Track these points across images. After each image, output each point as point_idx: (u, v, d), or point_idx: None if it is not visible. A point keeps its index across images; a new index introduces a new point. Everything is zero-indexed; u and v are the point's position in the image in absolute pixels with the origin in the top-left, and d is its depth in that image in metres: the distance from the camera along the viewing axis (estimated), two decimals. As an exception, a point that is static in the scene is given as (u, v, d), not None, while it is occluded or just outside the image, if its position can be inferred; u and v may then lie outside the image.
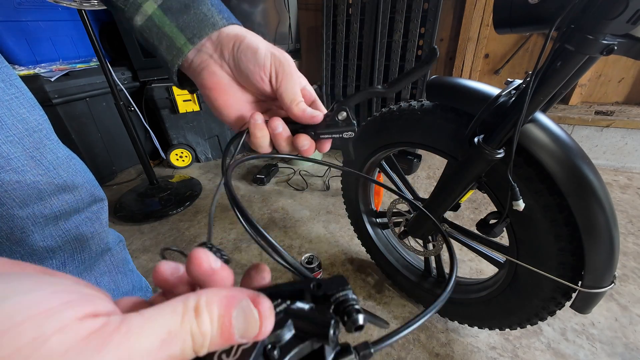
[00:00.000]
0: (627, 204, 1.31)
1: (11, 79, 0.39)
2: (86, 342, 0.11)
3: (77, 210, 0.48)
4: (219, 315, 0.13)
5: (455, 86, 0.59)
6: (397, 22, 1.46)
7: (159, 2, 0.28)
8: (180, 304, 0.13)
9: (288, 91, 0.29)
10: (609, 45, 0.37)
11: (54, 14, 1.44)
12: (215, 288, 0.15)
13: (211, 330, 0.13)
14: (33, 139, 0.41)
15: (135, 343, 0.12)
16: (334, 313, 0.15)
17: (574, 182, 0.48)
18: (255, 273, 0.19)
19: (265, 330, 0.14)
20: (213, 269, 0.16)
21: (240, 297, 0.14)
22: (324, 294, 0.16)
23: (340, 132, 0.29)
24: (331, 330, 0.14)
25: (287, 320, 0.15)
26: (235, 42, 0.29)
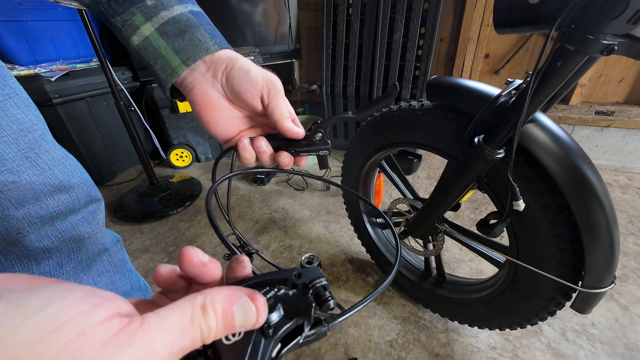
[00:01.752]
0: (628, 204, 1.31)
1: (5, 79, 0.39)
2: (116, 337, 0.13)
3: (73, 210, 0.47)
4: (223, 311, 0.16)
5: (455, 86, 0.59)
6: (398, 22, 1.46)
7: (156, 25, 0.30)
8: (188, 304, 0.16)
9: (278, 108, 0.33)
10: (609, 45, 0.37)
11: (54, 13, 1.44)
12: (217, 288, 0.17)
13: (216, 324, 0.16)
14: (28, 139, 0.41)
15: (155, 338, 0.14)
16: (313, 297, 0.19)
17: (574, 182, 0.48)
18: (237, 264, 0.22)
19: (261, 320, 0.17)
20: (202, 263, 0.20)
21: (239, 294, 0.17)
22: (303, 282, 0.20)
23: (317, 150, 0.34)
24: (312, 312, 0.18)
25: (277, 304, 0.19)
26: (228, 63, 0.32)
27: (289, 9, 1.71)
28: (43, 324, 0.12)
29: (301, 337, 0.19)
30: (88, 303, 0.14)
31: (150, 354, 0.14)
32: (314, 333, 0.19)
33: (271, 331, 0.18)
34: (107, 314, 0.14)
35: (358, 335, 0.82)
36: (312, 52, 2.06)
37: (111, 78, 1.20)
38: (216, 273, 0.21)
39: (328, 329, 0.20)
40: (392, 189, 1.49)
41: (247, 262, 0.22)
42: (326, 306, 0.19)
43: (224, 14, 1.66)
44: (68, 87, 1.39)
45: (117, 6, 0.30)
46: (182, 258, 0.19)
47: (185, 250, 0.19)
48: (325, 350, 0.79)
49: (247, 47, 1.70)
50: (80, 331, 0.13)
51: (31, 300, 0.13)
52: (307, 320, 0.19)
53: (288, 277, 0.20)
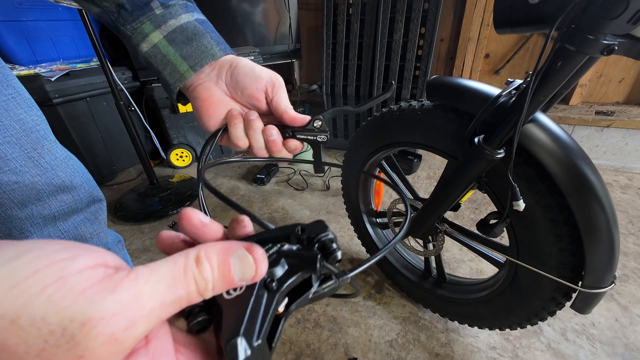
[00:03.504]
0: (628, 204, 1.31)
1: (8, 79, 0.39)
2: (100, 284, 0.13)
3: (75, 210, 0.47)
4: (218, 262, 0.16)
5: (455, 86, 0.59)
6: (398, 22, 1.46)
7: (165, 33, 0.32)
8: (181, 256, 0.15)
9: (282, 100, 0.34)
10: (609, 45, 0.37)
11: (55, 13, 1.44)
12: (212, 242, 0.17)
13: (212, 276, 0.15)
14: (31, 139, 0.41)
15: (144, 287, 0.14)
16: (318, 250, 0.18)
17: (575, 182, 0.48)
18: (236, 224, 0.21)
19: (261, 272, 0.16)
20: (203, 223, 0.19)
21: (235, 247, 0.16)
22: (307, 237, 0.19)
23: (316, 135, 0.35)
24: (318, 263, 0.17)
25: (280, 259, 0.18)
26: (232, 63, 0.34)
27: (289, 9, 1.71)
28: (17, 270, 0.12)
29: (310, 291, 0.18)
30: (69, 252, 0.13)
31: (138, 301, 0.13)
32: (325, 287, 0.19)
33: (275, 285, 0.17)
34: (89, 263, 0.13)
35: (358, 335, 0.82)
36: (312, 52, 2.06)
37: (111, 78, 1.20)
38: (218, 234, 0.20)
39: (339, 283, 0.19)
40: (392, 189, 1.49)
41: (247, 221, 0.21)
42: (333, 257, 0.18)
43: (224, 14, 1.67)
44: (68, 87, 1.39)
45: (127, 15, 0.31)
46: (182, 218, 0.19)
47: (185, 211, 0.19)
48: (325, 350, 0.79)
49: (248, 47, 1.70)
50: (57, 277, 0.12)
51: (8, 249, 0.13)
52: (313, 273, 0.18)
53: (291, 232, 0.19)
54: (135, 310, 0.13)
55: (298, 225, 0.19)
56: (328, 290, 0.19)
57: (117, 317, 0.12)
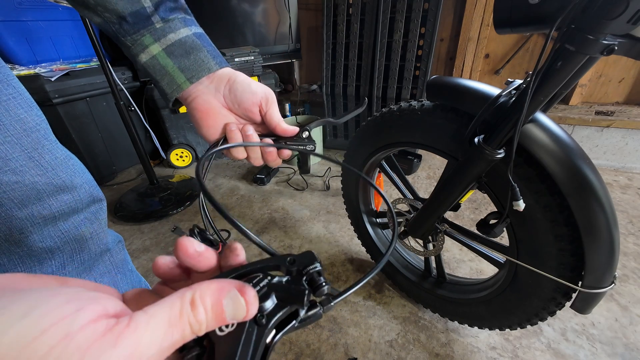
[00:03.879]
0: (628, 204, 1.31)
1: (8, 79, 0.39)
2: (103, 339, 0.13)
3: (76, 210, 0.47)
4: (212, 304, 0.16)
5: (455, 86, 0.59)
6: (398, 22, 1.46)
7: (164, 46, 0.34)
8: (177, 300, 0.16)
9: (275, 114, 0.38)
10: (609, 45, 0.37)
11: (54, 13, 1.44)
12: (207, 281, 0.17)
13: (206, 318, 0.16)
14: (31, 139, 0.41)
15: (143, 336, 0.14)
16: (306, 283, 0.19)
17: (574, 182, 0.48)
18: (230, 252, 0.22)
19: (252, 312, 0.17)
20: (198, 252, 0.20)
21: (228, 288, 0.17)
22: (297, 269, 0.20)
23: (305, 145, 0.40)
24: (305, 298, 0.19)
25: (270, 293, 0.19)
26: (230, 78, 0.36)
27: (289, 9, 1.71)
28: (26, 331, 0.12)
29: (296, 321, 0.19)
30: (72, 307, 0.14)
31: (138, 352, 0.14)
32: (309, 316, 0.20)
33: (264, 320, 0.18)
34: (92, 316, 0.14)
35: (358, 335, 0.82)
36: (312, 52, 2.06)
37: (111, 78, 1.20)
38: (212, 262, 0.21)
39: (323, 311, 0.20)
40: (392, 189, 1.49)
41: (240, 249, 0.22)
42: (320, 292, 0.19)
43: (224, 14, 1.66)
44: (68, 87, 1.39)
45: (128, 27, 0.33)
46: (178, 249, 0.20)
47: (181, 241, 0.20)
48: (325, 350, 0.79)
49: (247, 47, 1.70)
50: (64, 335, 0.13)
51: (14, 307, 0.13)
52: (300, 307, 0.19)
53: (281, 263, 0.20)
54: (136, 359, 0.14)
55: (288, 256, 0.20)
56: (313, 318, 0.20)
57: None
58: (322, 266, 0.20)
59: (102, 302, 0.15)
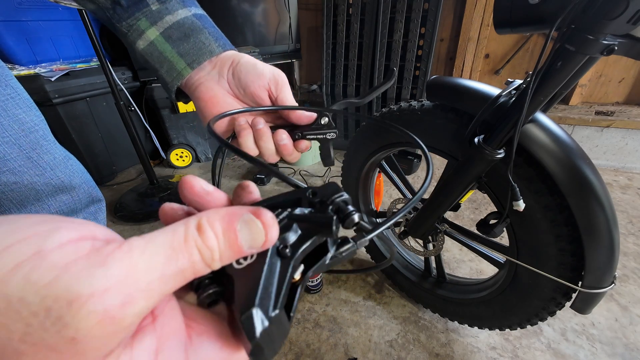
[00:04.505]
0: (628, 204, 1.31)
1: (7, 79, 0.39)
2: (86, 258, 0.11)
3: (74, 211, 0.47)
4: (224, 230, 0.14)
5: (455, 86, 0.59)
6: (398, 22, 1.46)
7: (161, 30, 0.31)
8: (180, 225, 0.14)
9: (287, 98, 0.33)
10: (609, 45, 0.37)
11: (55, 13, 1.44)
12: (214, 208, 0.15)
13: (218, 245, 0.14)
14: (29, 139, 0.41)
15: (140, 259, 0.12)
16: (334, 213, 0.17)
17: (574, 182, 0.48)
18: (242, 190, 0.20)
19: (272, 238, 0.15)
20: (206, 191, 0.18)
21: (241, 212, 0.15)
22: (320, 200, 0.17)
23: (324, 133, 0.34)
24: (334, 226, 0.16)
25: (292, 224, 0.16)
26: (233, 60, 0.33)
27: (289, 9, 1.71)
28: None
29: (327, 256, 0.17)
30: (47, 225, 0.12)
31: (134, 275, 0.12)
32: (342, 251, 0.17)
33: (288, 251, 0.15)
34: (73, 236, 0.12)
35: (358, 335, 0.82)
36: (312, 52, 2.06)
37: (111, 78, 1.20)
38: (222, 202, 0.19)
39: (357, 246, 0.17)
40: (392, 189, 1.49)
41: (252, 186, 0.20)
42: (349, 221, 0.16)
43: (224, 14, 1.66)
44: (68, 87, 1.39)
45: (122, 12, 0.31)
46: (183, 186, 0.17)
47: (186, 179, 0.17)
48: (325, 350, 0.79)
49: (247, 47, 1.70)
50: (34, 252, 0.11)
51: None
52: (329, 236, 0.17)
53: (302, 196, 0.18)
54: (131, 284, 0.12)
55: (309, 189, 0.18)
56: (346, 254, 0.17)
57: (110, 292, 0.11)
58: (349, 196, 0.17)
59: (88, 225, 0.13)
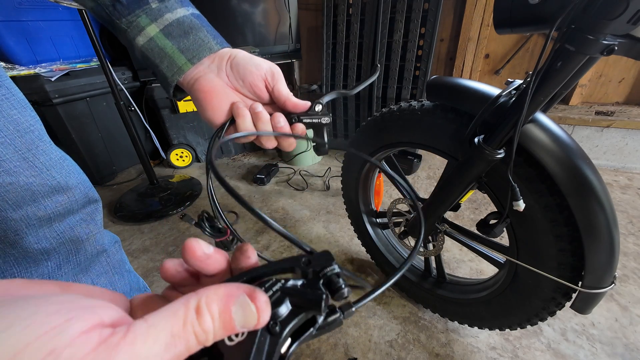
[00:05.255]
0: (628, 205, 1.31)
1: (1, 80, 0.39)
2: (95, 353, 0.12)
3: (71, 211, 0.47)
4: (220, 312, 0.15)
5: (455, 86, 0.59)
6: (398, 22, 1.46)
7: (161, 27, 0.32)
8: (181, 307, 0.15)
9: (283, 88, 0.35)
10: (609, 45, 0.37)
11: (55, 13, 1.44)
12: (214, 286, 0.16)
13: (213, 327, 0.15)
14: (25, 140, 0.41)
15: (142, 349, 0.13)
16: (324, 286, 0.17)
17: (574, 183, 0.48)
18: (240, 254, 0.21)
19: (263, 320, 0.15)
20: (207, 255, 0.19)
21: (237, 293, 0.15)
22: (313, 270, 0.18)
23: (319, 118, 0.37)
24: (323, 304, 0.17)
25: (284, 298, 0.17)
26: (230, 55, 0.34)
27: (289, 9, 1.71)
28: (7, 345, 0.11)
29: (314, 328, 0.18)
30: (62, 317, 0.12)
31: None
32: (328, 323, 0.18)
33: (278, 328, 0.16)
34: (84, 327, 0.13)
35: (358, 335, 0.82)
36: (312, 52, 2.06)
37: (111, 78, 1.20)
38: (221, 265, 0.20)
39: (343, 317, 0.18)
40: (392, 189, 1.49)
41: (251, 251, 0.21)
42: (339, 295, 0.17)
43: (224, 14, 1.66)
44: (68, 87, 1.39)
45: (122, 9, 0.31)
46: (186, 251, 0.19)
47: (188, 244, 0.18)
48: (325, 350, 0.79)
49: (248, 47, 1.70)
50: (49, 350, 0.11)
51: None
52: (317, 314, 0.17)
53: (296, 265, 0.18)
54: None
55: (303, 257, 0.19)
56: (333, 324, 0.18)
57: None
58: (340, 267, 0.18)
59: (98, 310, 0.14)
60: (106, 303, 0.15)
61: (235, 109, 0.34)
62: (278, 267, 0.19)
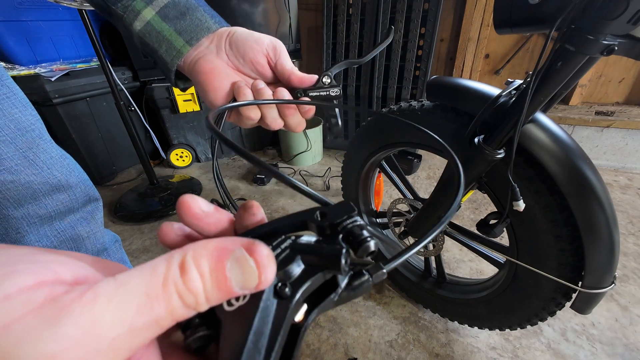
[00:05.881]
0: (628, 205, 1.31)
1: (2, 79, 0.39)
2: (36, 314, 0.10)
3: (72, 210, 0.47)
4: (211, 269, 0.12)
5: (455, 86, 0.59)
6: (398, 22, 1.46)
7: (157, 9, 0.31)
8: (162, 262, 0.12)
9: (287, 63, 0.33)
10: (609, 45, 0.37)
11: (55, 13, 1.44)
12: (203, 240, 0.13)
13: (204, 286, 0.12)
14: (26, 138, 0.41)
15: (103, 312, 0.10)
16: (344, 241, 0.14)
17: (574, 183, 0.48)
18: (244, 212, 0.18)
19: (266, 280, 0.13)
20: (205, 212, 0.16)
21: (231, 247, 0.13)
22: (329, 224, 0.15)
23: (327, 90, 0.34)
24: (342, 260, 0.13)
25: (295, 256, 0.14)
26: (229, 32, 0.33)
27: (289, 9, 1.71)
28: None
29: (336, 292, 0.14)
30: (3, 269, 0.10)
31: (94, 331, 0.10)
32: (354, 287, 0.14)
33: (288, 290, 0.13)
34: (29, 282, 0.10)
35: (358, 335, 0.82)
36: (312, 52, 2.06)
37: (111, 78, 1.20)
38: (223, 225, 0.17)
39: (372, 280, 0.14)
40: (392, 189, 1.49)
41: (256, 207, 0.18)
42: (363, 249, 0.13)
43: (224, 14, 1.66)
44: (68, 87, 1.39)
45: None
46: (180, 207, 0.16)
47: (183, 199, 0.16)
48: (325, 350, 0.79)
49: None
50: None
51: None
52: (337, 272, 0.14)
53: (309, 219, 0.15)
54: (89, 344, 0.10)
55: (317, 209, 0.15)
56: (359, 290, 0.15)
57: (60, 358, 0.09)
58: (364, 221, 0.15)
59: (54, 265, 0.11)
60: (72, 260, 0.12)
61: (237, 88, 0.32)
62: (287, 223, 0.16)
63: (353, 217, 0.14)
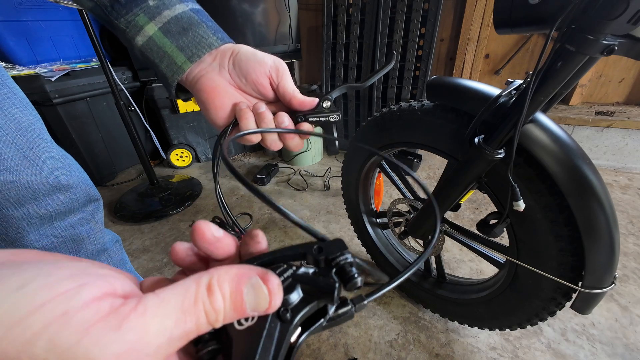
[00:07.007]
0: (628, 205, 1.31)
1: (2, 79, 0.39)
2: (106, 321, 0.12)
3: (72, 210, 0.47)
4: (231, 292, 0.15)
5: (455, 86, 0.58)
6: (398, 22, 1.46)
7: (159, 25, 0.31)
8: (193, 283, 0.14)
9: (289, 85, 0.34)
10: (609, 45, 0.37)
11: (55, 13, 1.44)
12: (226, 266, 0.16)
13: (224, 306, 0.14)
14: (26, 138, 0.41)
15: (152, 322, 0.13)
16: (336, 275, 0.17)
17: (575, 183, 0.48)
18: (250, 239, 0.20)
19: (275, 304, 0.15)
20: (216, 237, 0.19)
21: (250, 274, 0.15)
22: (325, 258, 0.17)
23: (327, 116, 0.35)
24: (335, 292, 0.16)
25: (296, 285, 0.17)
26: (233, 51, 0.33)
27: (289, 9, 1.71)
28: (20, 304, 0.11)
29: (324, 319, 0.17)
30: (75, 282, 0.12)
31: (145, 340, 0.12)
32: (339, 315, 0.17)
33: (289, 315, 0.16)
34: (97, 293, 0.12)
35: (358, 335, 0.82)
36: (312, 52, 2.06)
37: (111, 78, 1.20)
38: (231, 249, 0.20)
39: (355, 310, 0.18)
40: (392, 189, 1.49)
41: (261, 236, 0.20)
42: (351, 285, 0.16)
43: (224, 14, 1.66)
44: (68, 87, 1.39)
45: (120, 8, 0.31)
46: (195, 233, 0.18)
47: (198, 225, 0.18)
48: (325, 350, 0.79)
49: (247, 47, 1.70)
50: (62, 312, 0.11)
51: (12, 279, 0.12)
52: (329, 303, 0.17)
53: (307, 252, 0.18)
54: (142, 349, 0.12)
55: (315, 244, 0.18)
56: (343, 317, 0.18)
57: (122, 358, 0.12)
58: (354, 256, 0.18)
59: (111, 280, 0.14)
60: (118, 274, 0.15)
61: (238, 110, 0.32)
62: (289, 253, 0.18)
63: (345, 254, 0.17)
